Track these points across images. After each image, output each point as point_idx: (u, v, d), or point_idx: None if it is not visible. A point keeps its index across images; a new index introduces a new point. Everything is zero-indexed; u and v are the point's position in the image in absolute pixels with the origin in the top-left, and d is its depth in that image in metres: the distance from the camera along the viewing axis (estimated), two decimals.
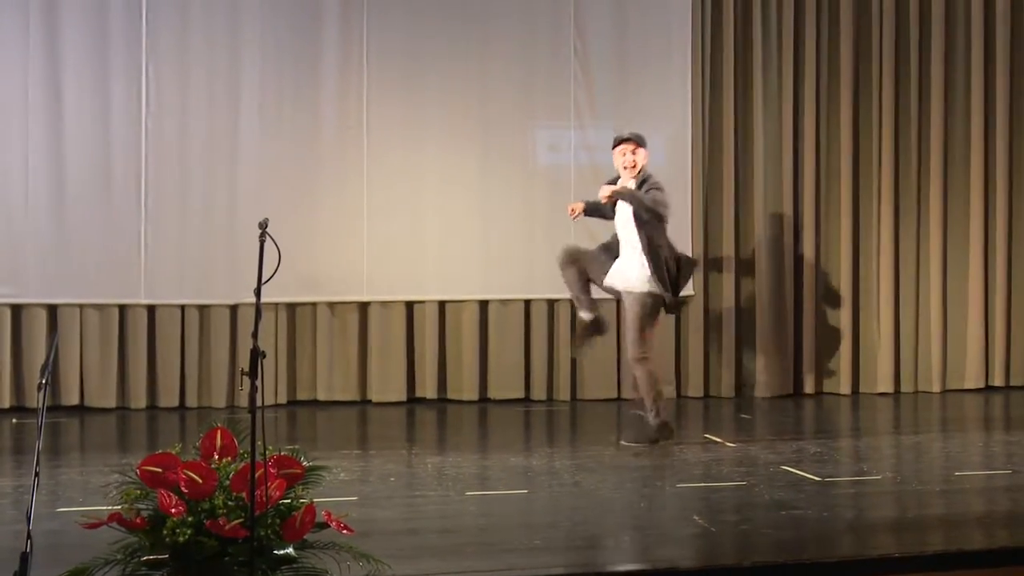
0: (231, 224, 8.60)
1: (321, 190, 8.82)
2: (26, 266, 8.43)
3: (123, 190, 8.55)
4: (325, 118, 8.84)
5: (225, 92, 8.68)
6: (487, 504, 5.96)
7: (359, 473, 6.52)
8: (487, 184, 9.06)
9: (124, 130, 8.54)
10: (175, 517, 3.85)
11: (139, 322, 8.62)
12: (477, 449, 7.53)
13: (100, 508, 4.50)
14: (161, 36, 8.56)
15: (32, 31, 8.39)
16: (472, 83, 9.00)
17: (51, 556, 4.27)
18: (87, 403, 8.54)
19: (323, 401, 8.90)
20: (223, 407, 8.67)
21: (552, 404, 9.13)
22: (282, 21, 8.75)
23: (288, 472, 4.06)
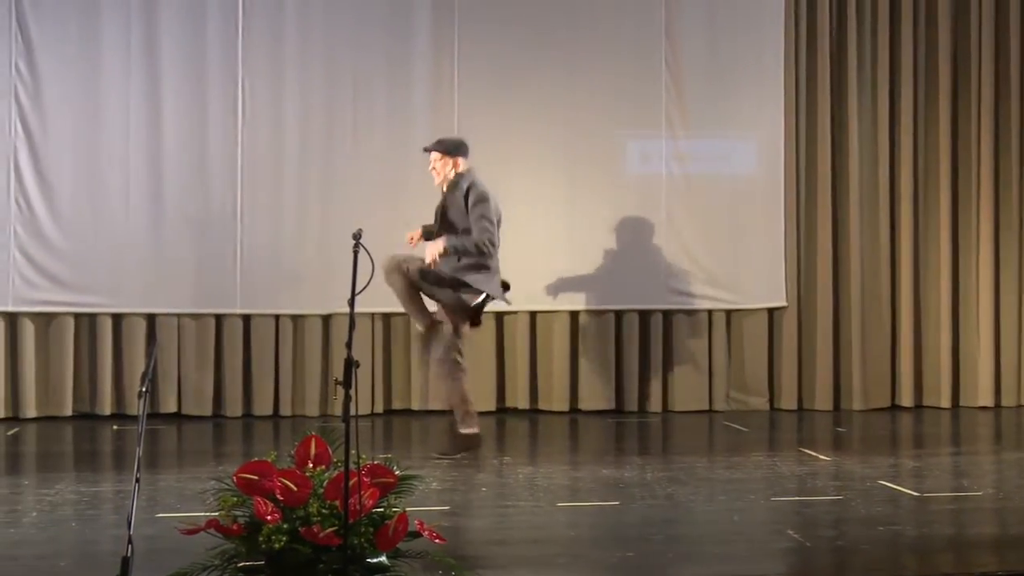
0: (325, 235, 8.70)
1: (412, 201, 8.85)
2: (126, 276, 8.61)
3: (219, 201, 8.70)
4: (416, 130, 8.89)
5: (319, 105, 8.80)
6: (578, 515, 5.93)
7: (451, 482, 6.54)
8: (576, 195, 9.05)
9: (220, 143, 8.69)
10: (271, 524, 3.89)
11: (235, 331, 8.76)
12: (568, 460, 7.51)
13: (197, 514, 4.57)
14: (256, 51, 8.70)
15: (133, 48, 8.59)
16: (561, 94, 9.00)
17: (150, 561, 4.34)
18: (184, 411, 8.69)
19: (417, 410, 8.95)
20: (316, 416, 8.77)
21: (643, 416, 9.08)
22: (374, 35, 8.84)
23: (381, 481, 4.08)
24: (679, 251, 9.17)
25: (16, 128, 8.48)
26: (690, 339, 9.19)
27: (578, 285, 9.05)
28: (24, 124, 8.50)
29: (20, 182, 8.49)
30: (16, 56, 8.47)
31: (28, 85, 8.49)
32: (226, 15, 8.67)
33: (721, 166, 9.24)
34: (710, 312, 9.23)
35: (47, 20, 8.50)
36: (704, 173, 9.20)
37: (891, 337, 9.35)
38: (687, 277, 9.16)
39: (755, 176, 9.26)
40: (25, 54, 8.48)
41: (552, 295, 9.03)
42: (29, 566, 4.85)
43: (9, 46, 8.45)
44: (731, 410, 9.23)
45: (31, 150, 8.50)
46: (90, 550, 5.11)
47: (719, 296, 9.21)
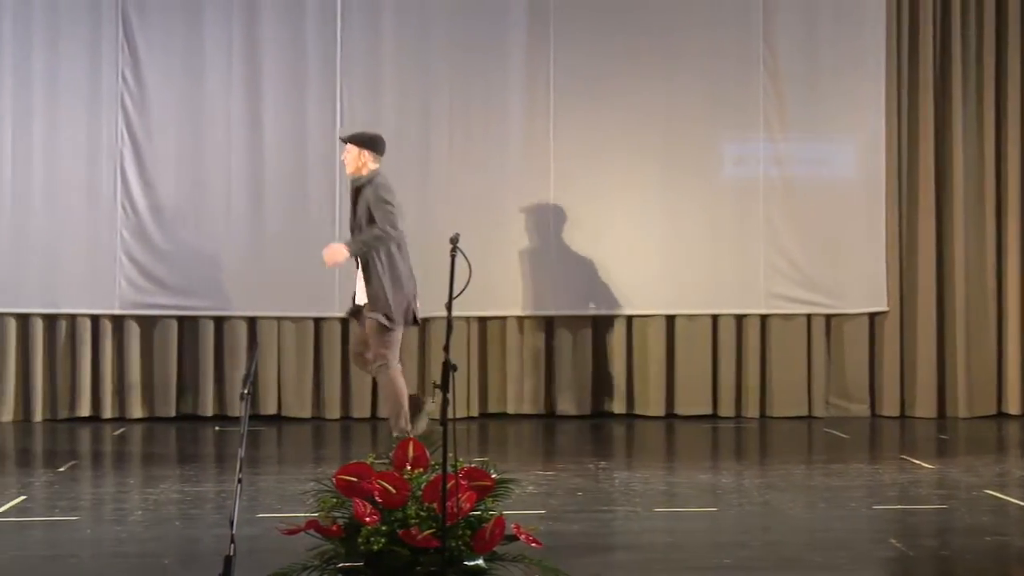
0: (422, 238, 8.74)
1: (509, 206, 8.92)
2: (228, 280, 8.77)
3: (318, 206, 8.81)
4: (512, 135, 8.94)
5: (415, 112, 8.87)
6: (674, 521, 5.89)
7: (547, 486, 6.54)
8: (673, 198, 8.99)
9: (319, 149, 8.81)
10: (369, 526, 3.93)
11: (333, 335, 8.86)
12: (664, 465, 7.46)
13: (297, 515, 4.64)
14: (355, 60, 8.81)
15: (234, 58, 8.75)
16: (658, 98, 8.95)
17: (251, 560, 4.41)
18: (284, 413, 8.82)
19: (512, 414, 8.97)
20: None
21: (740, 421, 8.99)
22: (470, 42, 8.89)
23: (478, 484, 4.09)
24: (777, 255, 9.06)
25: (123, 135, 8.69)
26: (788, 344, 9.07)
27: (674, 289, 8.99)
28: (130, 131, 8.70)
29: (126, 188, 8.69)
30: (123, 65, 8.68)
31: (134, 94, 8.70)
32: (325, 25, 8.79)
33: (820, 169, 9.11)
34: (809, 317, 9.10)
35: (152, 31, 8.70)
36: (803, 176, 9.08)
37: (997, 342, 9.13)
38: (785, 281, 9.04)
39: (855, 179, 9.11)
40: (131, 64, 8.69)
41: (647, 299, 8.99)
42: (134, 564, 4.96)
43: (116, 56, 8.67)
44: (831, 416, 9.09)
45: (137, 157, 8.71)
46: (193, 549, 5.21)
47: (818, 300, 9.08)
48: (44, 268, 8.63)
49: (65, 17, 8.64)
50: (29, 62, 8.61)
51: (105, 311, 8.68)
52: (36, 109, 8.64)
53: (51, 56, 8.63)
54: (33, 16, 8.62)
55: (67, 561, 4.99)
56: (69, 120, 8.65)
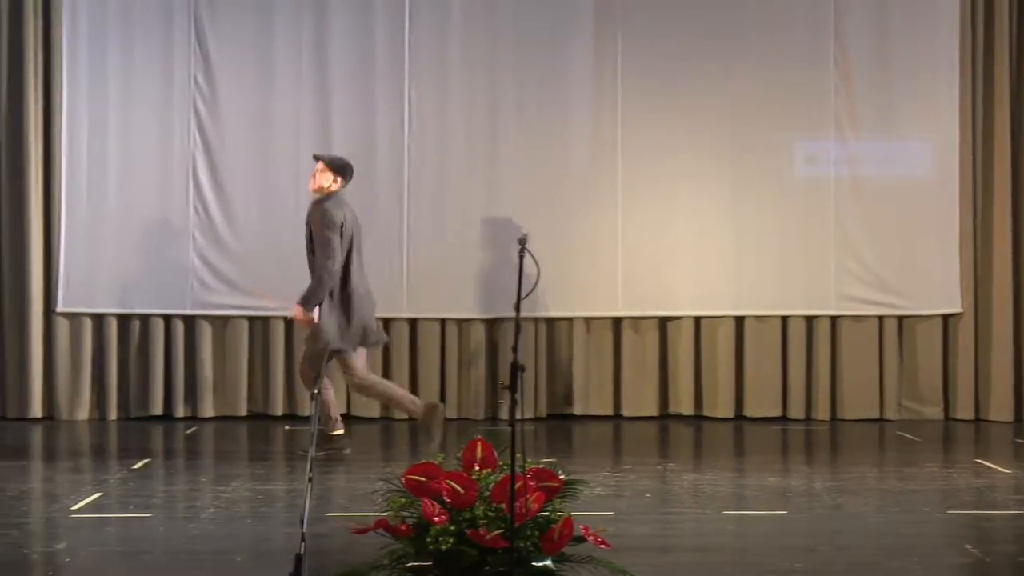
0: (489, 240, 8.79)
1: (576, 206, 8.90)
2: (297, 281, 8.79)
3: (387, 208, 8.87)
4: (579, 136, 8.93)
5: (482, 112, 8.89)
6: (744, 524, 5.85)
7: (614, 488, 6.52)
8: (742, 199, 8.93)
9: (387, 151, 8.86)
10: (438, 525, 3.94)
11: (401, 335, 8.91)
12: (733, 467, 7.40)
13: (366, 514, 4.67)
14: (422, 62, 8.85)
15: (304, 61, 8.83)
16: (727, 96, 8.89)
17: (321, 559, 4.45)
18: (353, 412, 8.88)
19: (579, 415, 8.96)
20: (482, 419, 8.86)
21: (810, 423, 8.90)
22: (537, 45, 8.88)
23: (546, 485, 4.09)
24: (848, 255, 8.96)
25: (195, 138, 8.81)
26: (859, 345, 8.96)
27: (743, 290, 8.92)
28: (202, 134, 8.82)
29: (198, 190, 8.81)
30: (195, 69, 8.80)
31: (206, 97, 8.81)
32: (393, 27, 8.84)
33: (892, 168, 8.99)
34: (881, 318, 8.99)
35: (223, 35, 8.81)
36: (874, 176, 8.97)
37: None
38: (856, 282, 8.93)
39: (928, 179, 8.98)
40: (203, 67, 8.80)
41: (716, 300, 8.93)
42: (206, 561, 5.02)
43: (188, 60, 8.79)
44: (903, 419, 8.97)
45: (208, 159, 8.82)
46: (264, 547, 5.26)
47: (890, 302, 8.96)
48: (118, 269, 8.77)
49: (138, 22, 8.77)
50: (104, 66, 8.75)
51: (177, 311, 8.80)
52: (111, 113, 8.77)
53: (125, 60, 8.77)
54: (107, 21, 8.76)
55: (141, 558, 5.07)
56: (142, 123, 8.78)
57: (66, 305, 8.75)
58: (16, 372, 8.69)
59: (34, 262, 8.69)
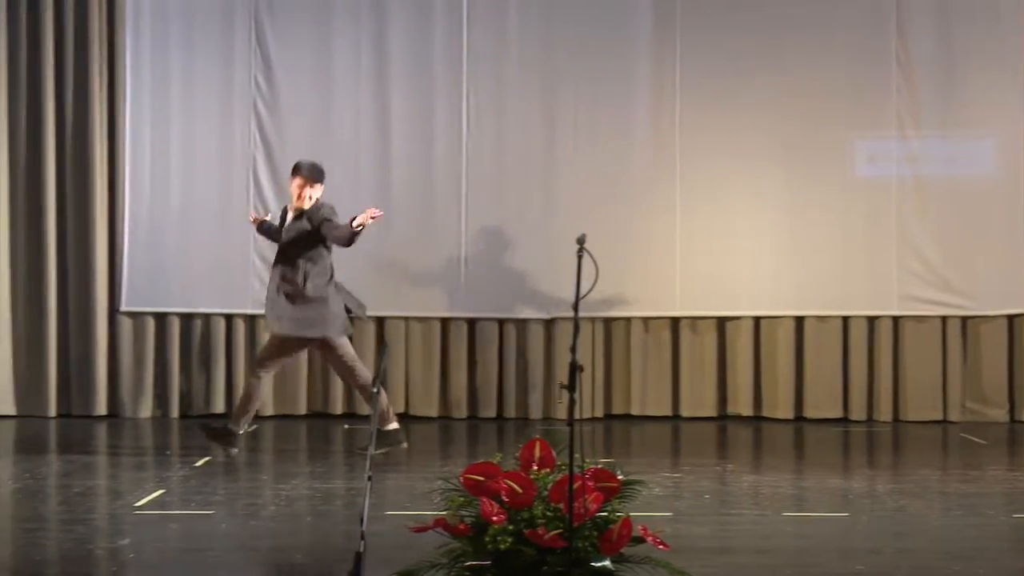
0: (547, 240, 8.79)
1: (634, 206, 8.88)
2: (356, 281, 8.85)
3: (445, 209, 8.90)
4: (638, 136, 8.90)
5: (540, 111, 8.89)
6: (804, 526, 5.80)
7: (673, 488, 6.50)
8: (802, 198, 8.85)
9: (446, 152, 8.89)
10: (497, 525, 3.95)
11: (460, 335, 8.94)
12: (793, 468, 7.35)
13: (425, 513, 4.69)
14: (480, 62, 8.86)
15: (362, 62, 8.88)
16: (787, 96, 8.82)
17: (379, 557, 4.47)
18: (411, 412, 8.92)
19: (636, 416, 8.93)
20: (539, 419, 8.86)
21: (872, 424, 8.80)
22: (595, 46, 8.86)
23: (605, 485, 4.09)
24: (911, 255, 8.85)
25: (255, 139, 8.89)
26: (922, 346, 8.85)
27: (803, 290, 8.85)
28: (262, 134, 8.90)
29: (258, 190, 8.89)
30: (255, 71, 8.88)
31: (266, 98, 8.89)
32: (451, 27, 8.87)
33: (956, 167, 8.87)
34: (944, 319, 8.87)
35: (283, 37, 8.88)
36: (937, 174, 8.85)
37: None
38: (919, 282, 8.82)
39: (993, 177, 8.85)
40: (264, 69, 8.89)
41: (776, 300, 8.86)
42: (267, 558, 5.07)
43: (248, 61, 8.87)
44: (967, 421, 8.84)
45: (268, 159, 8.90)
46: (323, 545, 5.30)
47: (954, 302, 8.85)
48: (180, 269, 8.87)
49: (200, 25, 8.87)
50: (166, 69, 8.86)
51: (238, 310, 8.89)
52: (173, 115, 8.88)
53: (187, 63, 8.87)
54: (170, 25, 8.87)
55: (202, 554, 5.12)
56: (204, 125, 8.88)
57: (129, 305, 8.87)
58: (81, 370, 8.82)
59: (98, 263, 8.81)
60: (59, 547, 5.20)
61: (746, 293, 8.89)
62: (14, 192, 8.78)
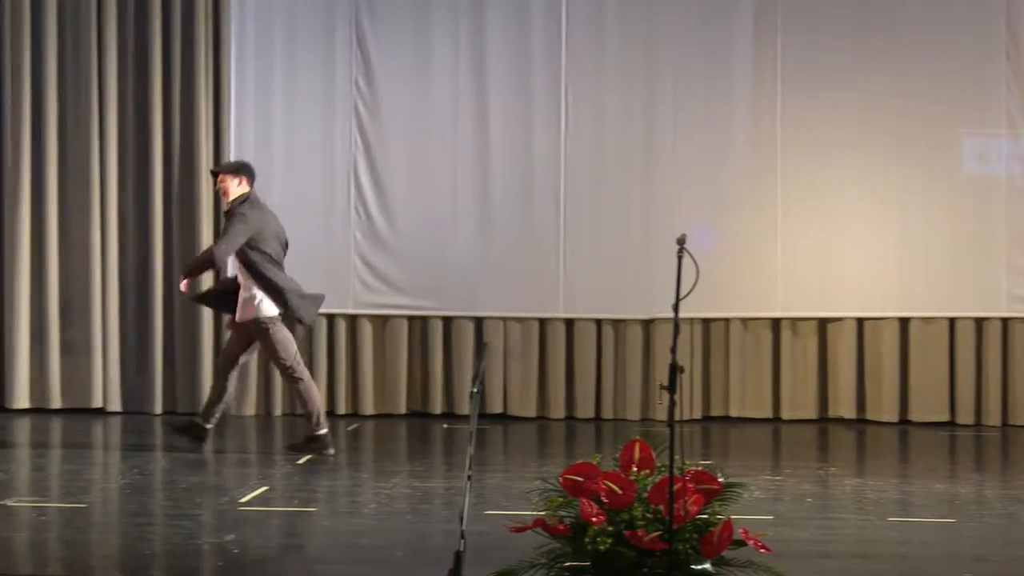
0: (645, 240, 8.75)
1: (734, 205, 8.79)
2: (455, 281, 8.96)
3: (543, 209, 8.90)
4: (738, 134, 8.81)
5: (639, 110, 8.85)
6: (909, 531, 5.69)
7: (774, 491, 6.42)
8: (908, 196, 8.69)
9: (544, 151, 8.90)
10: (596, 526, 3.94)
11: (558, 335, 8.94)
12: (897, 472, 7.21)
13: (523, 513, 4.70)
14: (579, 63, 8.85)
15: (461, 62, 8.92)
16: (891, 92, 8.66)
17: (478, 556, 4.48)
18: (510, 412, 8.94)
19: (735, 417, 8.85)
20: (637, 420, 8.82)
21: (980, 429, 8.60)
22: (695, 38, 8.80)
23: (705, 487, 4.06)
24: (1020, 255, 8.63)
25: (356, 140, 9.00)
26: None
27: (909, 291, 8.68)
28: (363, 136, 9.00)
29: (359, 191, 8.99)
30: (356, 73, 8.98)
31: (367, 100, 8.99)
32: (550, 26, 8.87)
33: None
34: None
35: (384, 39, 8.97)
36: None
37: None
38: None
39: None
40: (364, 71, 8.98)
41: (880, 301, 8.71)
42: (367, 555, 5.13)
43: (349, 64, 8.98)
44: None
45: (369, 161, 8.99)
46: (423, 543, 5.34)
47: None
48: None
49: (302, 28, 8.99)
50: (270, 71, 9.00)
51: (340, 311, 8.99)
52: (275, 116, 9.02)
53: (290, 65, 9.00)
54: (273, 28, 9.01)
55: (305, 551, 5.20)
56: (306, 126, 9.00)
57: None
58: (188, 370, 9.00)
59: None
60: (166, 541, 5.32)
61: (849, 294, 8.75)
62: (123, 193, 8.99)
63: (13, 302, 8.91)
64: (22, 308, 8.90)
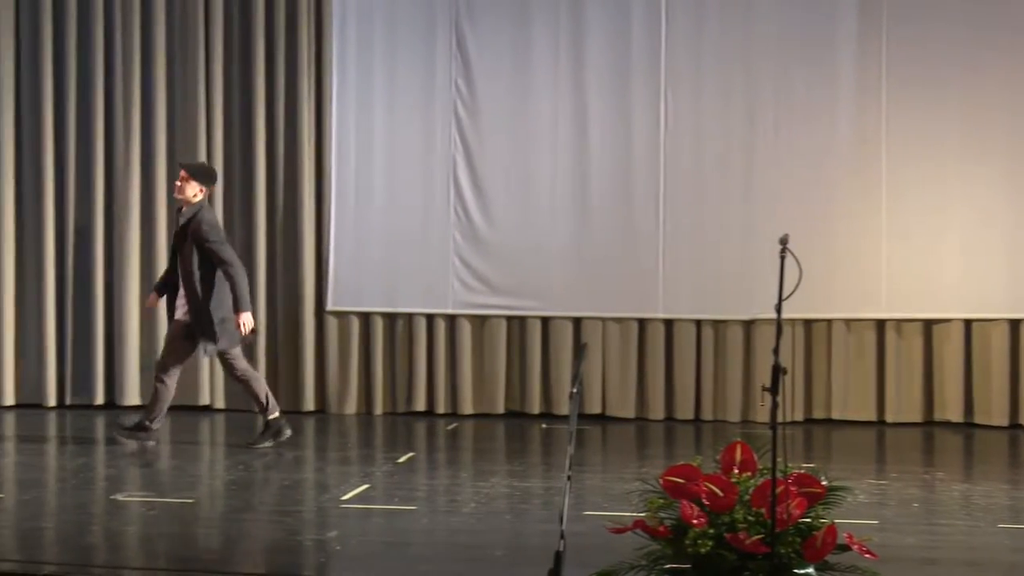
0: (746, 240, 8.66)
1: (838, 204, 8.65)
2: (554, 281, 8.95)
3: (642, 208, 8.86)
4: (841, 133, 8.67)
5: (740, 111, 8.76)
6: (1021, 539, 5.54)
7: (879, 496, 6.30)
8: (1017, 195, 8.46)
9: (643, 151, 8.85)
10: (697, 528, 3.91)
11: (657, 336, 8.88)
12: (1009, 478, 7.03)
13: (622, 514, 4.68)
14: (679, 61, 8.79)
15: (561, 63, 8.91)
16: (1002, 89, 8.44)
17: (578, 557, 4.47)
18: (608, 412, 8.91)
19: (837, 420, 8.71)
20: (737, 422, 8.73)
21: None
22: (796, 41, 8.67)
23: (808, 491, 4.00)
24: None
25: (455, 142, 9.05)
26: None
27: (1019, 292, 8.46)
28: (462, 138, 9.04)
29: (459, 192, 9.04)
30: (456, 74, 9.03)
31: (466, 101, 9.03)
32: (650, 27, 8.82)
33: None
34: None
35: (483, 40, 9.00)
36: None
37: None
38: None
39: None
40: (464, 72, 9.03)
41: (989, 302, 8.50)
42: (467, 554, 5.16)
43: (449, 65, 9.03)
44: None
45: (468, 162, 9.03)
46: (522, 543, 5.35)
47: None
48: (384, 270, 9.09)
49: (402, 31, 9.06)
50: (370, 74, 9.09)
51: (439, 310, 9.05)
52: (376, 120, 9.10)
53: (390, 68, 9.07)
54: (374, 31, 9.10)
55: (405, 549, 5.24)
56: (406, 129, 9.07)
57: (335, 304, 9.14)
58: (290, 368, 9.13)
59: (306, 264, 9.11)
60: (270, 537, 5.40)
61: (956, 295, 8.55)
62: (229, 194, 9.16)
63: (123, 300, 9.12)
64: (133, 308, 9.11)
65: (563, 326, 8.98)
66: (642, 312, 8.90)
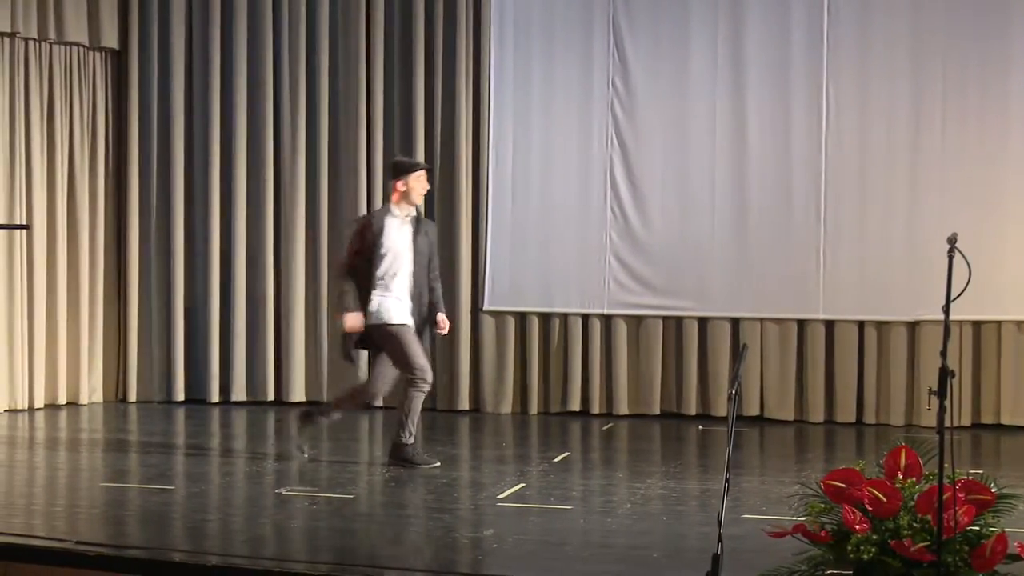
0: (911, 240, 8.43)
1: (1009, 201, 8.36)
2: (711, 282, 8.87)
3: (803, 208, 8.70)
4: (1013, 129, 8.37)
5: (904, 105, 8.53)
6: None
7: None
8: None
9: (804, 150, 8.70)
10: (859, 534, 3.83)
11: (817, 337, 8.72)
12: None
13: (781, 517, 4.60)
14: (841, 56, 8.61)
15: (719, 60, 8.83)
16: None
17: (736, 560, 4.42)
18: (766, 414, 8.78)
19: (1007, 425, 8.40)
20: (900, 425, 8.50)
21: None
22: (968, 32, 8.41)
23: (977, 498, 3.88)
24: None
25: (612, 141, 9.03)
26: None
27: None
28: (619, 137, 9.03)
29: (615, 191, 9.02)
30: (613, 74, 9.02)
31: (623, 100, 9.01)
32: (811, 23, 8.66)
33: None
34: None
35: (641, 39, 8.97)
36: None
37: None
38: None
39: None
40: (621, 71, 9.01)
41: None
42: (623, 555, 5.13)
43: (607, 64, 9.02)
44: None
45: (625, 161, 9.01)
46: (679, 544, 5.30)
47: None
48: (540, 270, 9.14)
49: (560, 30, 9.10)
50: (528, 74, 9.15)
51: (595, 311, 9.05)
52: (533, 120, 9.16)
53: (547, 68, 9.12)
54: (531, 32, 9.16)
55: (560, 548, 5.25)
56: (563, 129, 9.10)
57: (492, 304, 9.23)
58: (446, 367, 9.25)
59: (463, 264, 9.22)
60: (428, 534, 5.47)
61: (1012, 294, 8.18)
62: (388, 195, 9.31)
63: (290, 298, 9.38)
64: (298, 306, 9.36)
65: (721, 327, 8.88)
66: (802, 313, 8.74)
